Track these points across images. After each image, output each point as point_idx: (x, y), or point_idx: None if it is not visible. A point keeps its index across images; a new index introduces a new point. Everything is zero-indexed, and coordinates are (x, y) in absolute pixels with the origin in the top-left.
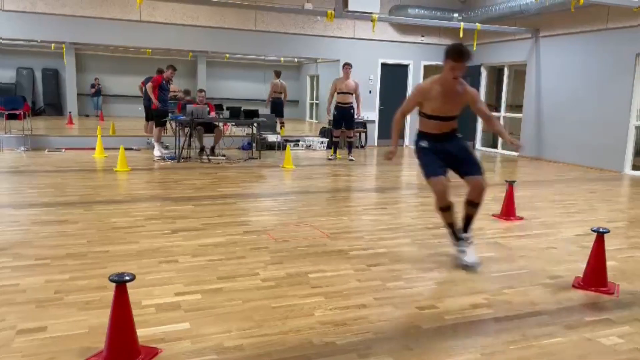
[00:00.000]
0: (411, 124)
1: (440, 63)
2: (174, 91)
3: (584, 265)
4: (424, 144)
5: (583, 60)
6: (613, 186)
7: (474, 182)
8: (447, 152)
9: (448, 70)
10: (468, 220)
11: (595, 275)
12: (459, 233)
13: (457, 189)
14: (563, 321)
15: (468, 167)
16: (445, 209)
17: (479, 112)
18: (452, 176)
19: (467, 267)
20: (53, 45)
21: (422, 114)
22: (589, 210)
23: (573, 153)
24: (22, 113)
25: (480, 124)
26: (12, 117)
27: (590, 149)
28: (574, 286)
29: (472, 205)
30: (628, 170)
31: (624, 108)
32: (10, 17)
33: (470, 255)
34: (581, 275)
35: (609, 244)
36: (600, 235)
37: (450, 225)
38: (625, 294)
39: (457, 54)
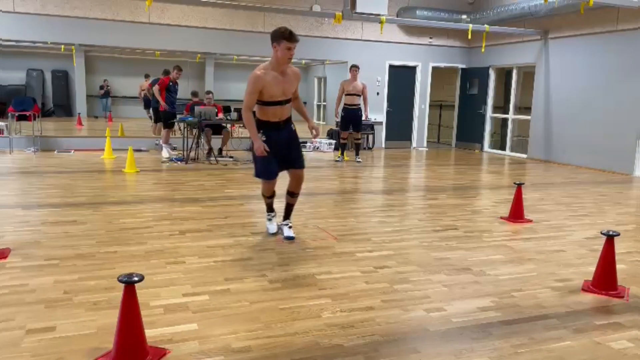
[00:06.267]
0: (418, 125)
1: (448, 65)
2: (144, 89)
3: (593, 269)
4: (262, 137)
5: (592, 62)
6: (623, 189)
7: (296, 174)
8: (281, 143)
9: (285, 50)
10: (288, 208)
11: (604, 279)
12: (283, 219)
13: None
14: (572, 325)
15: (294, 160)
16: (269, 197)
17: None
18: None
19: (287, 239)
20: (63, 47)
21: (260, 102)
22: (598, 213)
23: (582, 155)
24: (31, 114)
25: (487, 125)
26: (22, 118)
27: (599, 151)
28: (583, 289)
29: (292, 195)
30: (638, 173)
31: (634, 110)
32: (21, 19)
33: (288, 231)
34: (590, 279)
35: (619, 247)
36: (610, 238)
37: (269, 204)
38: (635, 298)
39: (290, 34)
